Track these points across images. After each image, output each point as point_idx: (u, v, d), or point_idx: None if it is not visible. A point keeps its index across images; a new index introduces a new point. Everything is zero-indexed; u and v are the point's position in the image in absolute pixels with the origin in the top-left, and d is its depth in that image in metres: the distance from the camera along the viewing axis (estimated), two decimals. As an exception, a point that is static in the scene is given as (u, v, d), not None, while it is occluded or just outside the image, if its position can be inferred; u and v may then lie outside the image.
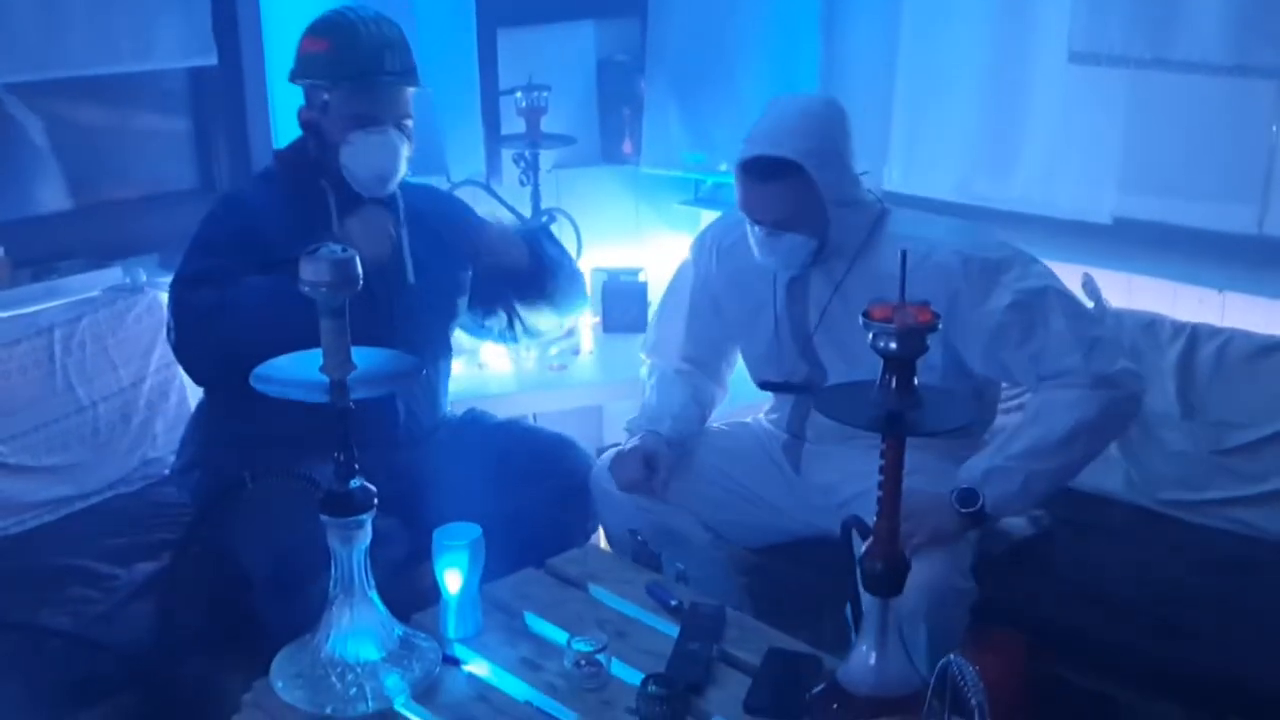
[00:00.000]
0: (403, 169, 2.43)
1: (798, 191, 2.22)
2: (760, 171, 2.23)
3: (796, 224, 2.26)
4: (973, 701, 1.35)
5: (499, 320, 2.70)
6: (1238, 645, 2.16)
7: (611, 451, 2.55)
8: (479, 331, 2.78)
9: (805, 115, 2.26)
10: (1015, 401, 2.80)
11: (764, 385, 2.50)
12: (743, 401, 2.80)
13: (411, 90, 2.44)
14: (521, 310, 2.67)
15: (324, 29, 2.41)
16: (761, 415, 2.65)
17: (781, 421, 2.55)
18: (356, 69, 2.37)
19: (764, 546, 2.55)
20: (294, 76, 2.46)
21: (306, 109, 2.45)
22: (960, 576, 2.17)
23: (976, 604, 2.19)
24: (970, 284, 2.22)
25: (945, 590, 2.09)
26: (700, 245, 2.60)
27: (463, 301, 2.64)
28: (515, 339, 2.77)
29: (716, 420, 2.71)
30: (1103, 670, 2.22)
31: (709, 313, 2.58)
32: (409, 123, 2.43)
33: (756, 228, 2.29)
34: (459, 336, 2.75)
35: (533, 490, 2.44)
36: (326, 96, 2.39)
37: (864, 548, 1.71)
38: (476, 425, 2.63)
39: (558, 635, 1.96)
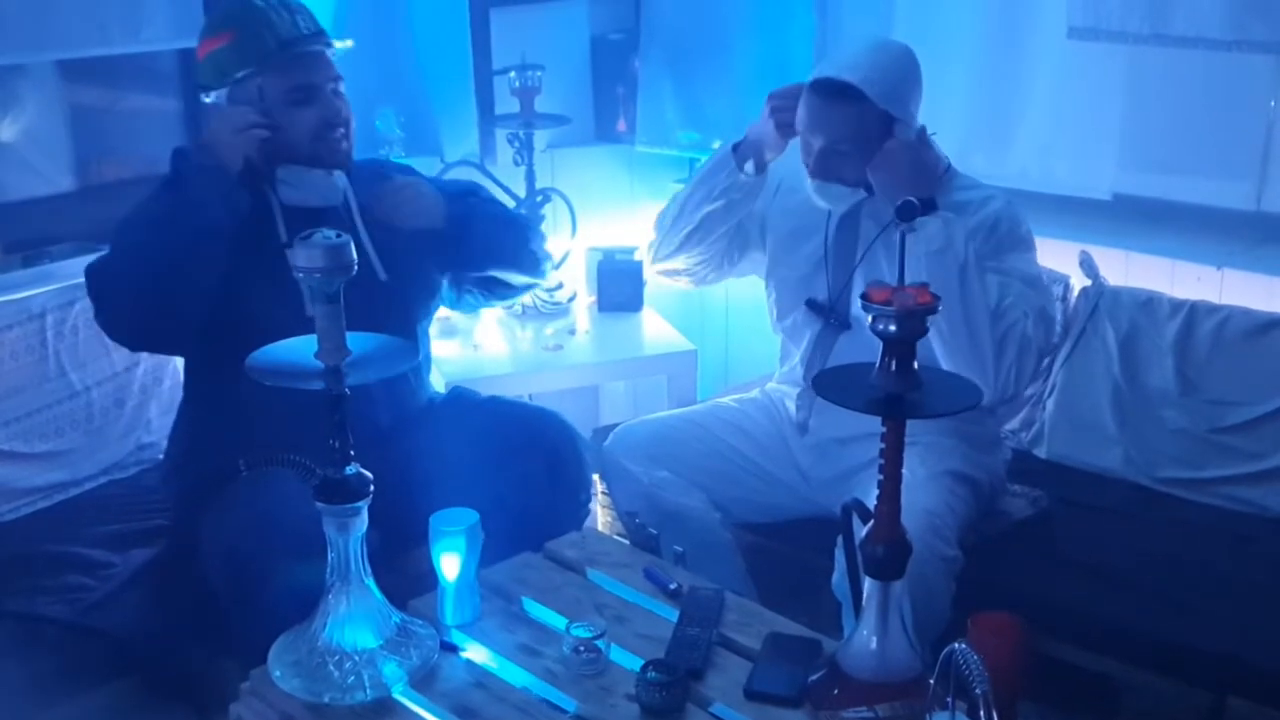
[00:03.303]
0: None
1: (859, 119, 2.27)
2: (826, 91, 2.29)
3: (850, 151, 2.30)
4: (977, 690, 1.34)
5: (472, 294, 2.59)
6: (1237, 623, 2.16)
7: (624, 427, 2.59)
8: (461, 305, 2.65)
9: (879, 50, 2.36)
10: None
11: (808, 304, 2.51)
12: (753, 375, 2.78)
13: (332, 51, 2.32)
14: (477, 278, 2.53)
15: (220, 21, 2.27)
16: (771, 384, 2.67)
17: (796, 373, 2.55)
18: (276, 42, 2.22)
19: (769, 523, 2.56)
20: (207, 87, 2.28)
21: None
22: (944, 544, 2.18)
23: (973, 582, 2.20)
24: (988, 240, 2.28)
25: (928, 558, 2.08)
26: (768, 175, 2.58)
27: (439, 285, 2.53)
28: (499, 302, 2.66)
29: (727, 396, 2.73)
30: (1102, 650, 2.22)
31: (755, 230, 2.61)
32: (341, 86, 2.32)
33: (810, 178, 2.36)
34: (455, 317, 2.69)
35: (519, 467, 2.38)
36: (259, 82, 2.23)
37: (864, 531, 1.70)
38: (458, 405, 2.57)
39: (556, 621, 1.95)
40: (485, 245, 2.45)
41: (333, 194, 2.31)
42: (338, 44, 2.36)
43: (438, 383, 2.81)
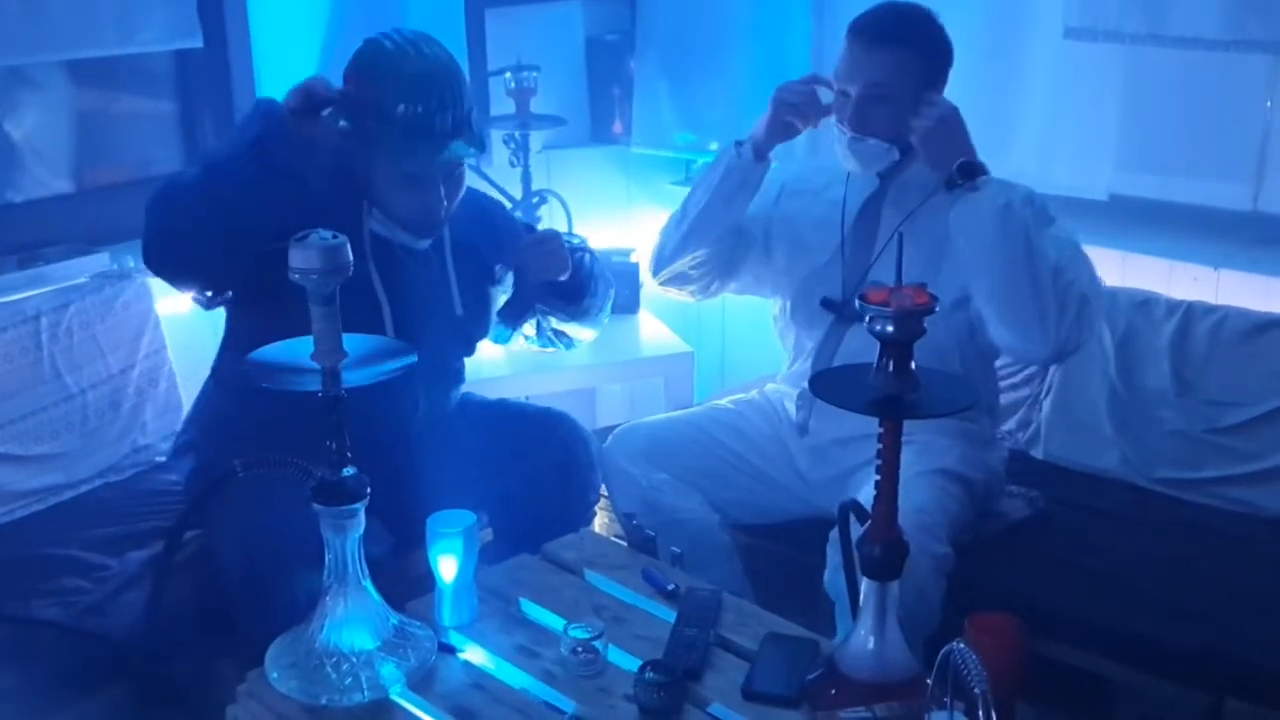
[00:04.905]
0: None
1: (900, 64, 2.29)
2: (871, 35, 2.30)
3: (889, 96, 2.29)
4: (976, 691, 1.34)
5: (528, 327, 2.63)
6: (1234, 624, 2.16)
7: (622, 429, 2.58)
8: (507, 338, 2.67)
9: (915, 11, 2.34)
10: (1020, 376, 2.80)
11: (824, 303, 2.50)
12: (750, 377, 2.78)
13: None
14: (554, 322, 2.59)
15: (370, 72, 2.19)
16: (771, 385, 2.66)
17: (799, 374, 2.54)
18: (403, 132, 2.17)
19: (766, 524, 2.56)
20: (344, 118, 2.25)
21: (350, 136, 2.24)
22: (935, 542, 2.17)
23: (969, 583, 2.20)
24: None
25: (917, 555, 2.07)
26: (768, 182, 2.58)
27: (495, 316, 2.59)
28: (545, 345, 2.68)
29: (724, 398, 2.73)
30: (1099, 651, 2.21)
31: (758, 234, 2.60)
32: (461, 170, 2.30)
33: (844, 131, 2.34)
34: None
35: (529, 467, 2.41)
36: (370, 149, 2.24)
37: (861, 532, 1.70)
38: (468, 408, 2.60)
39: (554, 622, 1.95)
40: (587, 301, 2.53)
41: (417, 245, 2.35)
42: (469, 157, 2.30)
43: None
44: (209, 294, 2.33)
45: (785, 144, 2.48)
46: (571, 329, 2.61)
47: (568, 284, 2.47)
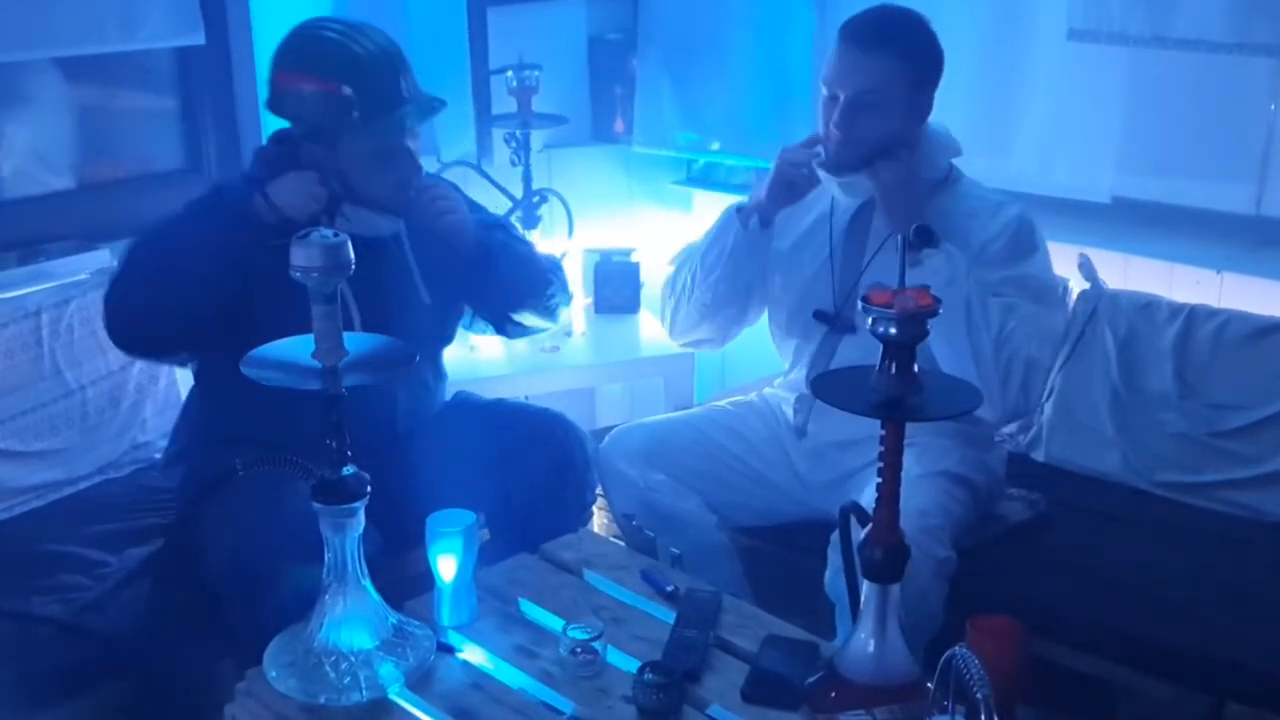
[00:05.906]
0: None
1: (891, 72, 2.26)
2: (866, 38, 2.26)
3: (876, 104, 2.27)
4: (978, 695, 1.33)
5: (484, 324, 2.62)
6: (1235, 628, 2.16)
7: (619, 430, 2.57)
8: (473, 329, 2.67)
9: (913, 25, 2.33)
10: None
11: (817, 315, 2.49)
12: (749, 378, 2.79)
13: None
14: (491, 312, 2.56)
15: (315, 62, 2.19)
16: (769, 389, 2.66)
17: (797, 379, 2.55)
18: (370, 109, 2.17)
19: (764, 526, 2.55)
20: (282, 116, 2.24)
21: (302, 141, 2.25)
22: (937, 544, 2.17)
23: (970, 586, 2.19)
24: (1006, 239, 2.30)
25: (920, 558, 2.07)
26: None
27: (464, 309, 2.58)
28: (506, 335, 2.66)
29: (723, 400, 2.72)
30: (1100, 654, 2.21)
31: (760, 273, 2.57)
32: (418, 138, 2.30)
33: (828, 172, 2.33)
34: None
35: (526, 468, 2.40)
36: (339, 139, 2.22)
37: (863, 535, 1.70)
38: (464, 408, 2.59)
39: (553, 622, 1.95)
40: (505, 282, 2.46)
41: (390, 228, 2.33)
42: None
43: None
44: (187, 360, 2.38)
45: None
46: (523, 319, 2.56)
47: (476, 258, 2.40)
